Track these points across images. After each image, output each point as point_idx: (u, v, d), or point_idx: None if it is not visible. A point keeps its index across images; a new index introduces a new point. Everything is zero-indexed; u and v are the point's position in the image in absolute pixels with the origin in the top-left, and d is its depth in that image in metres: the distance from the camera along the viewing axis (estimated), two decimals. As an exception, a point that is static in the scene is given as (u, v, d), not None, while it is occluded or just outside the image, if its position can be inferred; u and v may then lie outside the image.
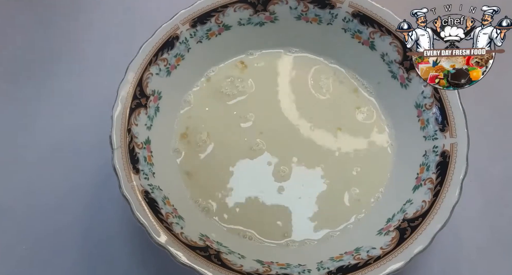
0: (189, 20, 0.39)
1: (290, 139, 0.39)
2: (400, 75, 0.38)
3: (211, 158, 0.39)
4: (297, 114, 0.40)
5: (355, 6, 0.39)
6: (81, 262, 0.37)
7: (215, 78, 0.42)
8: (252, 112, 0.40)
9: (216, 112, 0.41)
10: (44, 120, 0.43)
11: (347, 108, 0.41)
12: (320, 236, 0.36)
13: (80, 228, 0.38)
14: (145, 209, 0.32)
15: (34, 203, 0.39)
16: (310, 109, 0.41)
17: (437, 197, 0.32)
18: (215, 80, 0.42)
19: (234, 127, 0.40)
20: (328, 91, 0.41)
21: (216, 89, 0.41)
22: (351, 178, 0.38)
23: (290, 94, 0.41)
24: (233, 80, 0.42)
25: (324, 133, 0.40)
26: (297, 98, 0.41)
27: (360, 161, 0.39)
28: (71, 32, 0.48)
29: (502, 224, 0.39)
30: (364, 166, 0.38)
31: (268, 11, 0.41)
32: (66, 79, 0.45)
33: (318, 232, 0.36)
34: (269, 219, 0.36)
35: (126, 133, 0.34)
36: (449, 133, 0.34)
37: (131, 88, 0.35)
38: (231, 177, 0.38)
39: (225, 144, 0.39)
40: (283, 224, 0.36)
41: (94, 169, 0.41)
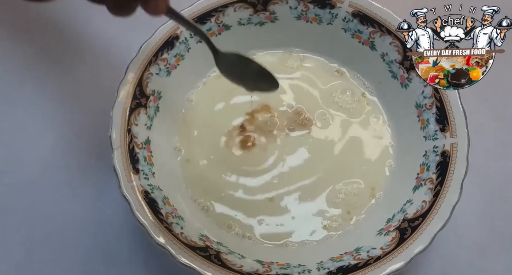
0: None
1: (290, 137, 0.39)
2: (400, 75, 0.38)
3: (211, 157, 0.39)
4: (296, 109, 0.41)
5: (355, 6, 0.39)
6: (81, 262, 0.37)
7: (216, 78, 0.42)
8: (255, 111, 0.40)
9: (217, 112, 0.41)
10: (44, 121, 0.43)
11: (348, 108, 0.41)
12: (320, 237, 0.36)
13: (80, 228, 0.38)
14: (145, 209, 0.32)
15: (34, 203, 0.39)
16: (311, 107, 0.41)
17: (437, 197, 0.32)
18: (216, 80, 0.42)
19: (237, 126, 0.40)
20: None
21: (218, 89, 0.41)
22: (351, 178, 0.38)
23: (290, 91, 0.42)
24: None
25: (324, 133, 0.40)
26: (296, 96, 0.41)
27: (360, 161, 0.39)
28: (70, 32, 0.48)
29: (502, 223, 0.39)
30: (364, 166, 0.38)
31: (268, 11, 0.41)
32: (66, 79, 0.45)
33: (318, 232, 0.36)
34: (269, 219, 0.36)
35: (126, 133, 0.34)
36: (449, 133, 0.34)
37: (131, 88, 0.35)
38: (231, 177, 0.38)
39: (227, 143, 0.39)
40: (283, 224, 0.36)
41: (94, 168, 0.41)
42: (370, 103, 0.41)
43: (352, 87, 0.42)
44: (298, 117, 0.40)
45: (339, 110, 0.41)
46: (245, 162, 0.39)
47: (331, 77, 0.42)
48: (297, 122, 0.40)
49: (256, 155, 0.39)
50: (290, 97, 0.41)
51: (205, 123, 0.40)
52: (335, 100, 0.41)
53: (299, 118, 0.40)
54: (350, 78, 0.42)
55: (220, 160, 0.39)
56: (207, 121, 0.40)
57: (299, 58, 0.43)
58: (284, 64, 0.43)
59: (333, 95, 0.41)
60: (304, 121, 0.40)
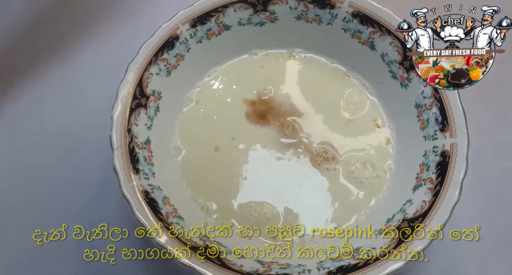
0: (189, 20, 0.39)
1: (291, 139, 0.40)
2: (400, 75, 0.38)
3: (212, 157, 0.39)
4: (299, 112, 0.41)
5: (355, 6, 0.39)
6: (81, 262, 0.37)
7: (216, 79, 0.42)
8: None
9: (218, 112, 0.41)
10: (44, 121, 0.43)
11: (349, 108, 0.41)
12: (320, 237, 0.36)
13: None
14: (145, 209, 0.32)
15: (34, 203, 0.39)
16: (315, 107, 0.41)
17: (437, 197, 0.32)
18: (216, 80, 0.42)
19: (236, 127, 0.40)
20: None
21: (219, 89, 0.41)
22: (351, 179, 0.38)
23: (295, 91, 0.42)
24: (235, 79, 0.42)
25: (324, 134, 0.40)
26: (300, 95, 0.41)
27: (361, 161, 0.39)
28: (71, 32, 0.48)
29: (502, 224, 0.39)
30: (364, 166, 0.38)
31: (268, 11, 0.41)
32: (66, 80, 0.45)
33: (318, 233, 0.36)
34: (270, 219, 0.36)
35: (126, 133, 0.34)
36: (449, 133, 0.34)
37: (131, 88, 0.35)
38: (231, 176, 0.38)
39: (227, 143, 0.39)
40: (283, 225, 0.36)
41: (94, 169, 0.41)
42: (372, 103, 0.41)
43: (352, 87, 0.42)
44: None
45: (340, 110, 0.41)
46: (246, 162, 0.39)
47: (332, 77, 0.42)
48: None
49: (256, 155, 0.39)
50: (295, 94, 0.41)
51: (205, 123, 0.40)
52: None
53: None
54: (352, 78, 0.42)
55: (220, 160, 0.39)
56: (207, 121, 0.40)
57: (299, 58, 0.43)
58: (284, 64, 0.43)
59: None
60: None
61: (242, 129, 0.40)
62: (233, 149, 0.39)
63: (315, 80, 0.42)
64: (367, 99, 0.41)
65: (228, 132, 0.40)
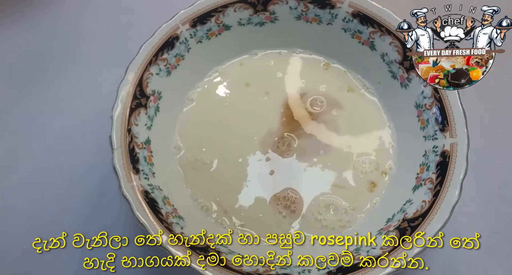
0: (189, 20, 0.39)
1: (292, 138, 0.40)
2: (400, 75, 0.38)
3: (212, 157, 0.39)
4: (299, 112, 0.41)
5: (355, 6, 0.39)
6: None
7: (216, 79, 0.42)
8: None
9: (218, 112, 0.41)
10: (45, 121, 0.43)
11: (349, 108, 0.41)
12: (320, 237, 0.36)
13: (80, 228, 0.38)
14: (145, 209, 0.32)
15: (34, 203, 0.39)
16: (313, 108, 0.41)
17: (437, 197, 0.32)
18: (216, 80, 0.42)
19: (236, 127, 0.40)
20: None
21: (219, 89, 0.41)
22: (351, 178, 0.38)
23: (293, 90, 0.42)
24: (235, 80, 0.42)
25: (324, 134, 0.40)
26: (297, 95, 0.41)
27: (361, 161, 0.39)
28: (71, 32, 0.48)
29: (502, 224, 0.39)
30: (364, 166, 0.38)
31: (268, 11, 0.41)
32: (66, 80, 0.45)
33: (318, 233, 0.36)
34: (270, 219, 0.36)
35: (126, 133, 0.34)
36: (449, 133, 0.34)
37: (131, 88, 0.35)
38: (232, 176, 0.38)
39: (227, 143, 0.39)
40: (283, 225, 0.36)
41: (94, 169, 0.41)
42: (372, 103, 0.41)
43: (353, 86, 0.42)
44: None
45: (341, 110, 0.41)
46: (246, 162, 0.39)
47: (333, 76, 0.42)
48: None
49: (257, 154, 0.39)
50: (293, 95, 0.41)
51: (205, 123, 0.40)
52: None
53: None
54: (352, 78, 0.42)
55: (220, 160, 0.39)
56: (207, 121, 0.40)
57: (299, 58, 0.43)
58: (284, 64, 0.43)
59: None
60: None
61: (244, 128, 0.40)
62: (233, 149, 0.39)
63: (315, 80, 0.42)
64: (367, 99, 0.41)
65: (228, 133, 0.40)
